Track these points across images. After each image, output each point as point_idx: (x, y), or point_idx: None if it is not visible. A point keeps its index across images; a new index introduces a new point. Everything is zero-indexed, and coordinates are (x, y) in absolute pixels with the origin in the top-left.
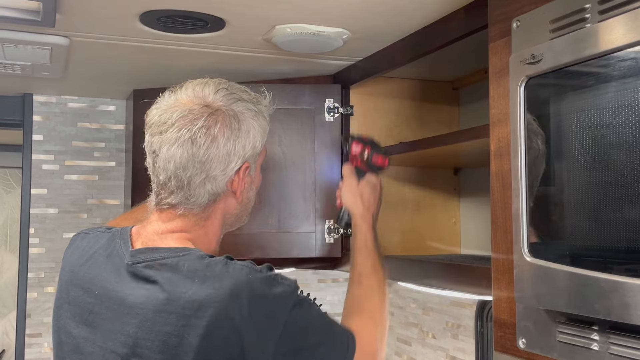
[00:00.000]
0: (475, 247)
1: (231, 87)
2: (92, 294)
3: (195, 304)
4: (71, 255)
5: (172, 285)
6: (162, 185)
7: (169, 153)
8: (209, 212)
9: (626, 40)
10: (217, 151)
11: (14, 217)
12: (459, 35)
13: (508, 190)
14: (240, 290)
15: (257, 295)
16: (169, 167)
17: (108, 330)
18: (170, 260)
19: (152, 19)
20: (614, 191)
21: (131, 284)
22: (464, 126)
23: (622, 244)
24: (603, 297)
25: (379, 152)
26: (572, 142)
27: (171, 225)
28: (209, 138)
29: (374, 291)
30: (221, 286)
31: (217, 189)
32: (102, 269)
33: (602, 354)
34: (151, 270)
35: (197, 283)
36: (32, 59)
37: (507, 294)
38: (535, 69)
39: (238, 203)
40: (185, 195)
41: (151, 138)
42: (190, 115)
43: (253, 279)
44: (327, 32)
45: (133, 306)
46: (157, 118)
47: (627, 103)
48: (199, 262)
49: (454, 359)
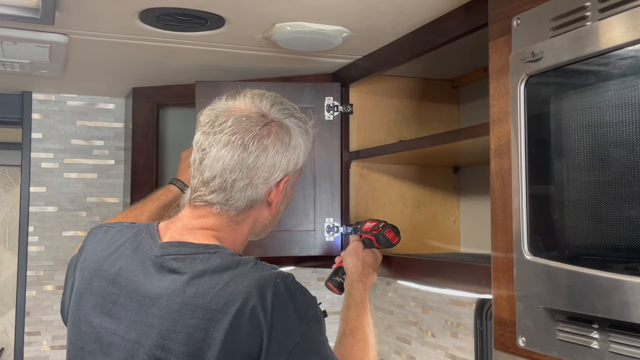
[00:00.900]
0: (474, 245)
1: (285, 102)
2: (117, 286)
3: (222, 299)
4: (95, 247)
5: (201, 280)
6: (204, 182)
7: (220, 154)
8: (242, 217)
9: (626, 39)
10: (265, 160)
11: (13, 216)
12: (459, 34)
13: (508, 189)
14: (266, 290)
15: (282, 298)
16: (217, 166)
17: (132, 321)
18: (202, 255)
19: (151, 17)
20: (614, 189)
21: (158, 275)
22: (464, 125)
23: (623, 243)
24: (603, 295)
25: (392, 229)
26: (572, 140)
27: (202, 221)
28: (260, 147)
29: (367, 345)
30: (249, 284)
31: (256, 197)
32: (129, 262)
33: (602, 352)
34: (181, 263)
35: (225, 278)
36: (31, 56)
37: (507, 292)
38: (536, 67)
39: (270, 214)
40: (226, 197)
41: (202, 136)
42: (247, 121)
43: (280, 282)
44: (327, 30)
45: (158, 297)
46: (213, 118)
47: (628, 101)
48: (230, 259)
49: (454, 357)
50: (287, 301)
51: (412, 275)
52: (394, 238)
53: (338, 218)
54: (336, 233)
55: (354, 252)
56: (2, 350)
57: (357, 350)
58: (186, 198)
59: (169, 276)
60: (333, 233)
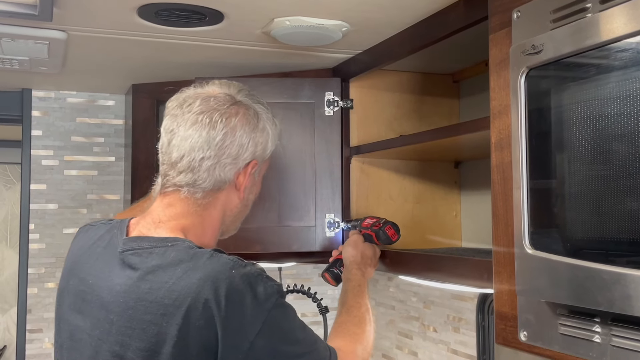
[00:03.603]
0: (476, 240)
1: (252, 91)
2: (86, 283)
3: (175, 293)
4: (74, 245)
5: (155, 275)
6: (172, 164)
7: (187, 133)
8: (209, 199)
9: (627, 30)
10: (234, 139)
11: (14, 213)
12: (459, 27)
13: (509, 183)
14: (219, 282)
15: (235, 290)
16: (185, 145)
17: (96, 318)
18: (158, 249)
19: (150, 13)
20: (616, 182)
21: (119, 272)
22: (464, 119)
23: (625, 236)
24: (605, 289)
25: (393, 226)
26: (573, 133)
27: (171, 212)
28: (228, 125)
29: (362, 321)
30: (202, 276)
31: (224, 178)
32: (99, 259)
33: (604, 346)
34: (138, 258)
35: (179, 272)
36: (30, 53)
37: (509, 286)
38: (536, 59)
39: (239, 200)
40: (194, 177)
41: (170, 119)
42: (215, 101)
43: (235, 274)
44: (327, 24)
45: (117, 294)
46: (180, 101)
47: (629, 93)
48: (186, 252)
49: (455, 352)
50: (242, 291)
51: (413, 270)
52: (393, 235)
53: (339, 213)
54: (337, 228)
55: (353, 243)
56: (5, 348)
57: (350, 326)
58: (157, 188)
59: (126, 272)
60: (334, 229)
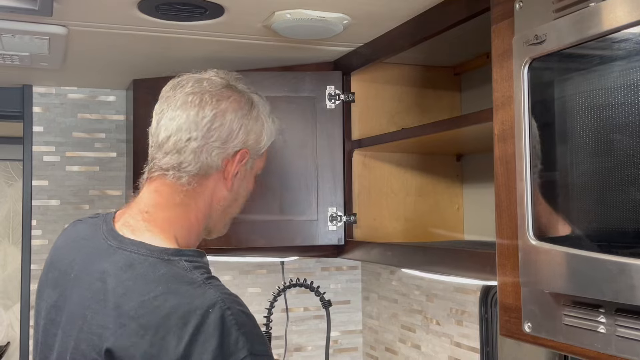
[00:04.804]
0: (478, 233)
1: (251, 85)
2: (68, 277)
3: (144, 310)
4: (58, 240)
5: (114, 278)
6: (159, 145)
7: (175, 113)
8: (195, 186)
9: (631, 19)
10: (223, 122)
11: (17, 210)
12: (460, 19)
13: (512, 174)
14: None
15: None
16: (172, 125)
17: (70, 314)
18: (138, 257)
19: (150, 7)
20: (620, 172)
21: (96, 266)
22: (466, 111)
23: (629, 226)
24: (610, 279)
25: None
26: (576, 123)
27: (156, 198)
28: (218, 107)
29: None
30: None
31: (211, 162)
32: (81, 252)
33: (609, 336)
34: (112, 257)
35: (159, 290)
36: (30, 49)
37: (512, 278)
38: (539, 50)
39: (227, 191)
40: (180, 159)
41: (161, 101)
42: (208, 83)
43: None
44: (327, 17)
45: (89, 290)
46: (174, 84)
47: (633, 83)
48: (151, 269)
49: (459, 345)
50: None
51: (416, 263)
52: None
53: (341, 207)
54: (339, 222)
55: None
56: (8, 344)
57: None
58: (143, 177)
59: (97, 270)
60: (336, 222)
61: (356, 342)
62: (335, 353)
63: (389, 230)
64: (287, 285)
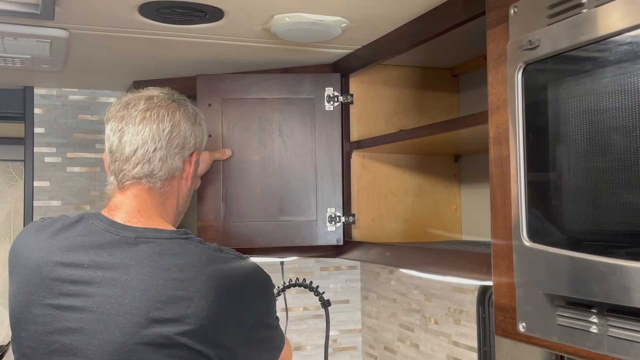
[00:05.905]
0: (476, 233)
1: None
2: (96, 277)
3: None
4: (31, 255)
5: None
6: (126, 159)
7: (137, 128)
8: (167, 189)
9: (623, 25)
10: (179, 131)
11: (18, 210)
12: (458, 22)
13: (507, 176)
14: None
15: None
16: (137, 139)
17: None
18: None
19: (150, 10)
20: (613, 175)
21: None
22: (464, 113)
23: (621, 228)
24: (602, 280)
25: None
26: (570, 127)
27: (140, 201)
28: (174, 118)
29: None
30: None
31: (176, 165)
32: (92, 255)
33: (601, 336)
34: (138, 246)
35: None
36: (31, 52)
37: (507, 278)
38: (533, 55)
39: (187, 189)
40: (150, 168)
41: (115, 122)
42: (157, 99)
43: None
44: (326, 20)
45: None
46: (123, 105)
47: (625, 87)
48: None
49: (457, 344)
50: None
51: (414, 263)
52: None
53: (340, 208)
54: (338, 223)
55: None
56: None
57: None
58: (111, 187)
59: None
60: (335, 223)
61: (355, 341)
62: (334, 352)
63: (387, 231)
64: (286, 285)
